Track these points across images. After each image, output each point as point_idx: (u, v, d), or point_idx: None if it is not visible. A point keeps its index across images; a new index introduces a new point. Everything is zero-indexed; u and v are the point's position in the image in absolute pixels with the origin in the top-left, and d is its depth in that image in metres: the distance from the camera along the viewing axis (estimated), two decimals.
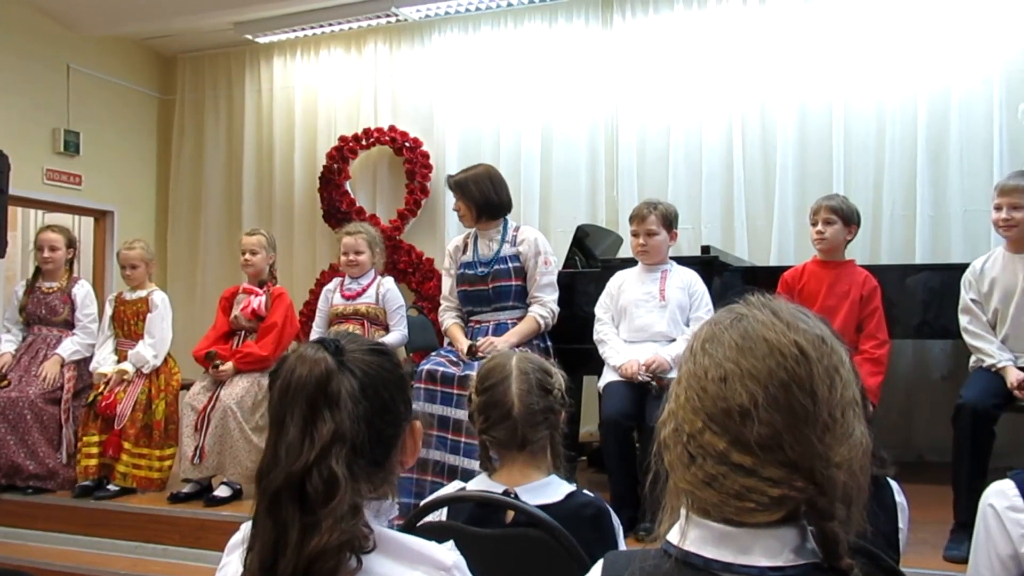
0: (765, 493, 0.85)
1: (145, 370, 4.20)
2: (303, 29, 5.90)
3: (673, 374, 3.26)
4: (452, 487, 1.73)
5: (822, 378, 0.88)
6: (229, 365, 4.05)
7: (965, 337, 3.26)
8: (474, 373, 3.18)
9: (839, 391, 0.89)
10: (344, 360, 1.05)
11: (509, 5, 5.51)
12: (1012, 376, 3.05)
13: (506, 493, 1.59)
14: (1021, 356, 3.13)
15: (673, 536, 0.92)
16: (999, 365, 3.10)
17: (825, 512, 0.85)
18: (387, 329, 4.10)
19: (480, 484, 1.66)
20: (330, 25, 5.81)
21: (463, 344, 3.53)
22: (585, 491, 1.66)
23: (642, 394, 3.29)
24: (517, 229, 3.74)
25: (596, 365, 3.60)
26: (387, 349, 1.13)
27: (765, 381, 0.86)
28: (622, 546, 1.61)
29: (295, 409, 1.02)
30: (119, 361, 4.28)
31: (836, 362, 0.90)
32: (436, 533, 1.50)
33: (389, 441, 1.09)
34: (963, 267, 3.39)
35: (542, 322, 3.60)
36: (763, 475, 0.85)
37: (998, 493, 1.28)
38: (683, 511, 0.91)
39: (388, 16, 5.64)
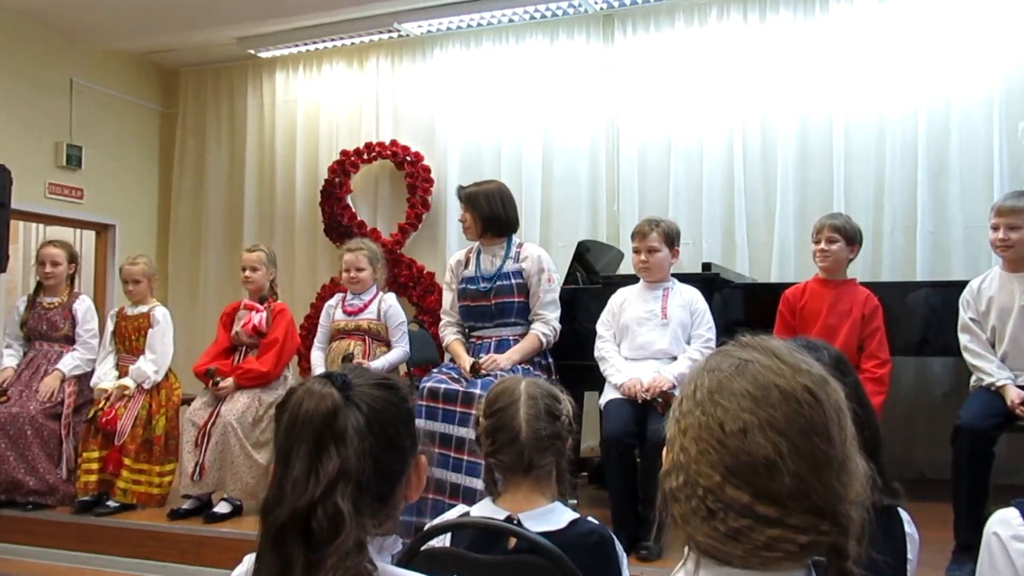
0: (793, 541, 0.84)
1: (146, 386, 4.20)
2: (305, 44, 5.94)
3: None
4: (455, 512, 1.73)
5: (833, 420, 0.88)
6: (229, 381, 4.05)
7: (965, 356, 3.28)
8: (477, 391, 3.23)
9: (846, 429, 0.89)
10: (351, 395, 1.05)
11: (511, 21, 5.53)
12: (1012, 394, 3.06)
13: (509, 519, 1.58)
14: (1020, 374, 3.13)
15: None
16: (998, 384, 3.11)
17: (844, 552, 0.85)
18: (389, 345, 4.10)
19: (483, 509, 1.66)
20: (332, 40, 5.85)
21: (466, 362, 3.53)
22: (589, 518, 1.65)
23: (643, 412, 3.29)
24: (520, 246, 3.74)
25: (597, 381, 3.60)
26: (394, 383, 1.13)
27: (786, 430, 0.85)
28: (626, 575, 1.61)
29: (301, 444, 1.01)
30: (120, 376, 4.28)
31: (839, 400, 0.90)
32: (439, 560, 1.50)
33: (394, 477, 1.09)
34: (964, 284, 3.40)
35: (544, 340, 3.60)
36: (790, 524, 0.84)
37: (1002, 522, 1.27)
38: (690, 554, 0.90)
39: (390, 31, 5.68)
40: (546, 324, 3.61)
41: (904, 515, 1.45)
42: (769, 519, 0.84)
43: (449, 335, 3.78)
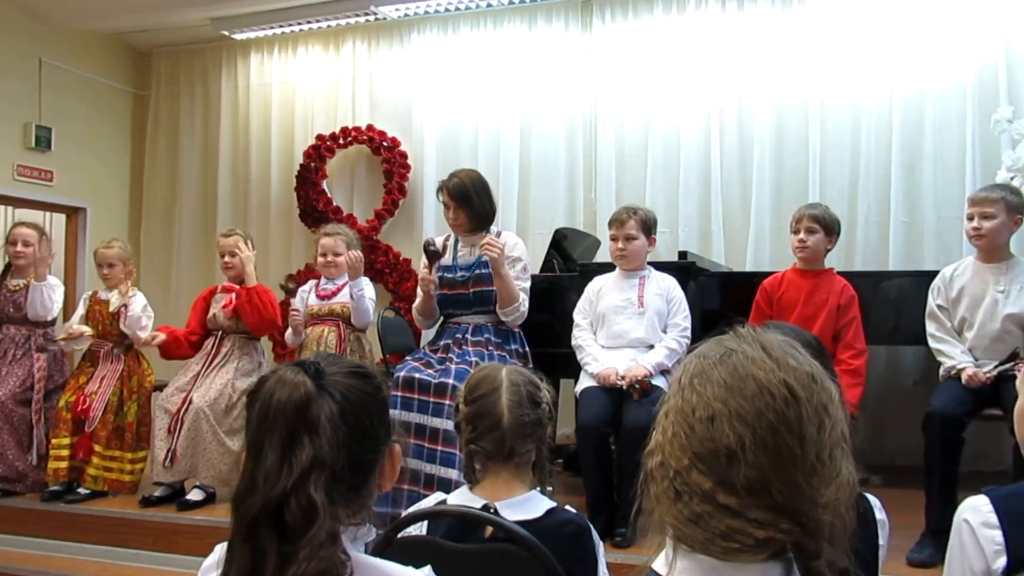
0: (750, 534, 0.84)
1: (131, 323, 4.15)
2: (281, 26, 5.86)
3: (658, 380, 3.27)
4: (432, 500, 1.72)
5: (811, 419, 0.87)
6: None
7: (930, 342, 3.33)
8: (450, 381, 3.22)
9: (827, 431, 0.88)
10: (324, 384, 1.03)
11: (489, 6, 5.50)
12: (967, 372, 3.11)
13: (486, 507, 1.58)
14: (987, 363, 3.17)
15: (659, 566, 0.91)
16: (959, 367, 3.15)
17: (811, 552, 0.85)
18: (363, 332, 4.08)
19: (461, 498, 1.65)
20: (308, 23, 5.78)
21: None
22: (567, 507, 1.65)
23: (619, 400, 3.30)
24: (499, 234, 3.72)
25: (573, 369, 3.60)
26: (368, 372, 1.11)
27: (753, 423, 0.85)
28: (602, 564, 1.61)
29: (273, 434, 1.00)
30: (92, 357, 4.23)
31: (826, 400, 0.89)
32: (414, 549, 1.50)
33: (368, 466, 1.07)
34: (936, 274, 3.44)
35: (522, 297, 3.56)
36: (749, 517, 0.84)
37: (972, 509, 1.29)
38: (669, 542, 0.90)
39: (367, 14, 5.62)
40: (524, 292, 3.61)
41: (874, 501, 1.46)
42: (729, 509, 0.85)
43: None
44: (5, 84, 5.56)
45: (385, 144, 5.81)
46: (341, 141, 5.90)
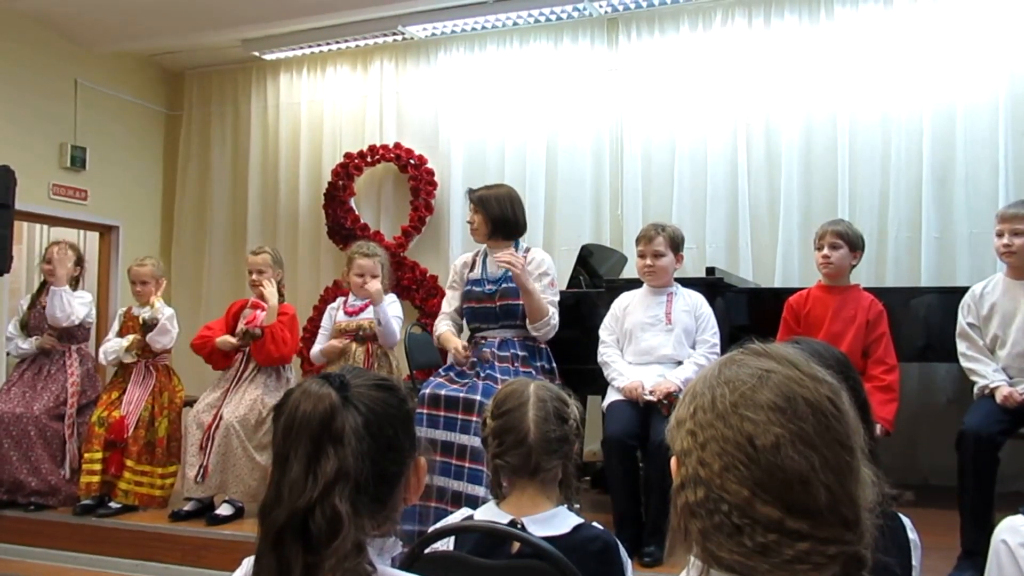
0: (823, 553, 0.82)
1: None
2: (310, 47, 5.94)
3: None
4: (459, 515, 1.72)
5: (853, 428, 0.86)
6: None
7: (962, 361, 3.28)
8: (477, 397, 3.21)
9: (861, 436, 0.88)
10: (349, 396, 1.04)
11: (515, 24, 5.53)
12: (1003, 392, 3.06)
13: (513, 523, 1.57)
14: (1021, 382, 3.11)
15: None
16: (992, 386, 3.10)
17: (864, 561, 0.84)
18: (391, 348, 4.09)
19: (487, 513, 1.65)
20: (337, 43, 5.86)
21: (457, 343, 3.57)
22: (594, 524, 1.64)
23: (646, 414, 3.28)
24: (528, 250, 3.73)
25: (600, 385, 3.59)
26: (393, 384, 1.12)
27: (817, 443, 0.84)
28: None
29: (299, 446, 1.01)
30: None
31: (851, 408, 0.88)
32: (441, 564, 1.49)
33: (393, 478, 1.08)
34: (968, 290, 3.39)
35: (552, 311, 3.54)
36: (819, 536, 0.82)
37: (1010, 529, 1.26)
38: (696, 562, 0.89)
39: (395, 34, 5.68)
40: (552, 306, 3.60)
41: (906, 521, 1.44)
42: (800, 533, 0.82)
43: (441, 326, 3.76)
44: (42, 105, 5.69)
45: (412, 162, 5.85)
46: (369, 159, 5.95)
